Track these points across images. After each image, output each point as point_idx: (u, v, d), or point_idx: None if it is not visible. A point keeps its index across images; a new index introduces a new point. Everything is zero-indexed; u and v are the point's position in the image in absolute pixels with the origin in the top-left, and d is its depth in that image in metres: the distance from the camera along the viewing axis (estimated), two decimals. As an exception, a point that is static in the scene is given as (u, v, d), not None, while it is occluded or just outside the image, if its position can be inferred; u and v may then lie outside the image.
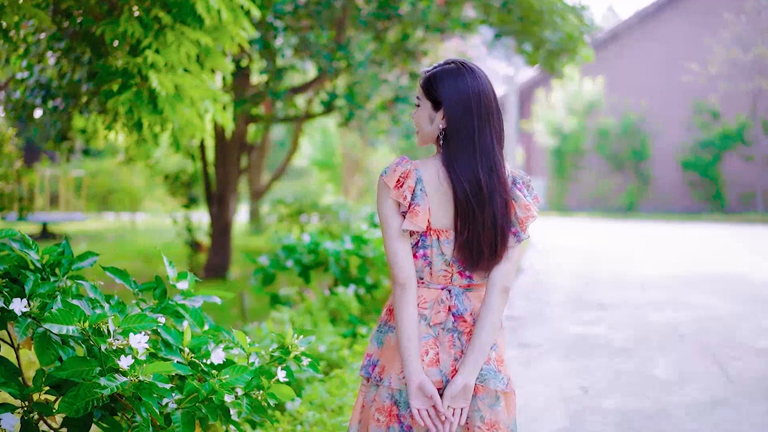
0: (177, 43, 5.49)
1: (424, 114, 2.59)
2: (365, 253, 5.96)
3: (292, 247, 6.24)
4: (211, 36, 5.73)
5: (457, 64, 2.59)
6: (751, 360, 6.77)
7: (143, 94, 5.57)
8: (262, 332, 4.93)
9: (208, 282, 10.71)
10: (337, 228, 12.87)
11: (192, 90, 5.66)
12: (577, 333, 7.93)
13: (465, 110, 2.52)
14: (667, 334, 7.78)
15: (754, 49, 24.44)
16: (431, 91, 2.57)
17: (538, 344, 7.42)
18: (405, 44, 10.84)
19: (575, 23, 11.44)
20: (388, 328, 2.63)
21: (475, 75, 2.56)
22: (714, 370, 6.42)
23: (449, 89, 2.54)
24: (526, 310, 9.23)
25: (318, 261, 6.16)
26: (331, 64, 9.36)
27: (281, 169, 16.36)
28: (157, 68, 5.46)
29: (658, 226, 22.49)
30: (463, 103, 2.53)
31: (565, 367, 6.59)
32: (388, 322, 2.64)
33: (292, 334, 2.87)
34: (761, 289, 10.49)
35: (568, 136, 27.85)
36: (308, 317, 5.66)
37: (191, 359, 2.76)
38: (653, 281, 11.39)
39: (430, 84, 2.58)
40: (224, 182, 10.99)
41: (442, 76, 2.57)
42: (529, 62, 12.32)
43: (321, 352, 5.04)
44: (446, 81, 2.55)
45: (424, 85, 2.60)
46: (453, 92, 2.54)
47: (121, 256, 13.03)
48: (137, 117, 5.61)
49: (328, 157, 25.38)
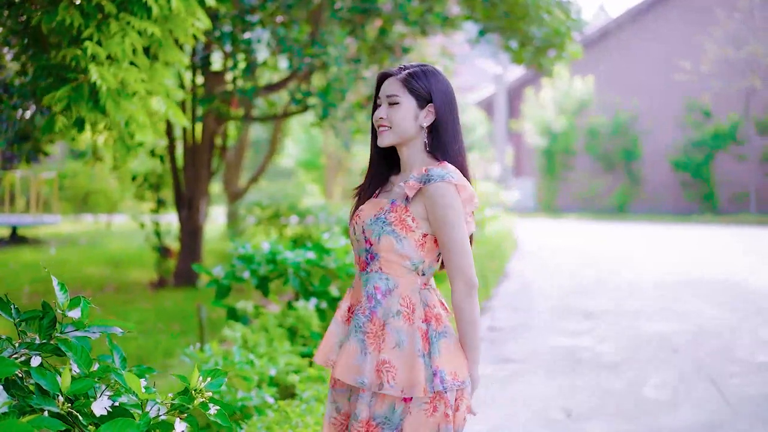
0: (121, 34, 4.99)
1: (405, 112, 2.58)
2: (327, 263, 5.43)
3: (249, 257, 5.71)
4: (161, 27, 5.24)
5: (427, 65, 2.64)
6: (750, 377, 6.26)
7: (83, 90, 5.06)
8: (205, 354, 4.40)
9: (177, 290, 10.19)
10: (317, 231, 12.38)
11: (138, 85, 5.14)
12: (563, 346, 7.41)
13: (452, 103, 2.62)
14: (658, 348, 7.27)
15: (747, 47, 24.08)
16: (416, 88, 2.58)
17: (520, 359, 6.89)
18: (384, 40, 10.33)
19: (562, 18, 10.97)
20: (441, 334, 2.53)
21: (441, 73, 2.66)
22: (710, 390, 5.91)
23: (439, 84, 2.60)
24: (509, 319, 8.72)
25: (277, 272, 5.63)
26: (302, 60, 8.82)
27: (260, 170, 15.81)
28: (99, 61, 4.95)
29: (649, 227, 22.04)
30: (450, 97, 2.62)
31: (548, 385, 6.07)
32: (437, 329, 2.53)
33: (198, 375, 2.35)
34: (758, 297, 9.99)
35: (558, 135, 27.38)
36: (263, 334, 5.13)
37: (68, 410, 2.23)
38: (644, 287, 10.89)
39: (414, 81, 2.59)
40: (194, 184, 10.46)
41: (426, 73, 2.61)
42: (516, 60, 11.86)
43: (272, 375, 4.51)
44: (432, 77, 2.60)
45: (406, 82, 2.59)
46: (442, 87, 2.61)
47: (89, 261, 12.48)
48: (76, 114, 5.10)
49: (314, 158, 24.84)
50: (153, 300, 9.41)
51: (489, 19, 10.99)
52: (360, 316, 2.55)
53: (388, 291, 2.53)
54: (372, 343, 2.51)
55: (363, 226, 2.57)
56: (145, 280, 10.85)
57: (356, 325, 2.54)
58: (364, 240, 2.57)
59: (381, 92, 2.62)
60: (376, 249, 2.54)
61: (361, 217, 2.60)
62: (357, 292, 2.64)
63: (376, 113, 2.61)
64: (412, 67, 2.61)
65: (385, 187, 2.68)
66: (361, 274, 2.61)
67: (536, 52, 11.52)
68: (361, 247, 2.59)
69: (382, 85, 2.63)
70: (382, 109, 2.60)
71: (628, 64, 27.79)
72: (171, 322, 8.20)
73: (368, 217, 2.57)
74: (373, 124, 2.65)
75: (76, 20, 4.87)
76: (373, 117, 2.64)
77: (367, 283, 2.57)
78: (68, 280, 10.73)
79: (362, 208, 2.62)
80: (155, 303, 9.20)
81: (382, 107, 2.60)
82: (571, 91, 27.15)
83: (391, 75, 2.61)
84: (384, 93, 2.60)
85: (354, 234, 2.64)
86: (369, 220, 2.56)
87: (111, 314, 8.43)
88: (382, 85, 2.63)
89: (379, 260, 2.54)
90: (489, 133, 33.03)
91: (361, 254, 2.60)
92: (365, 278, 2.58)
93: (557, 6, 10.95)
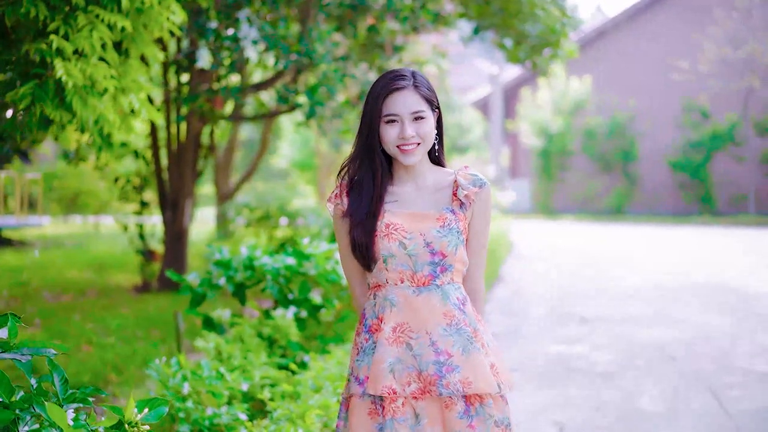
0: (89, 28, 4.72)
1: (430, 123, 2.51)
2: (307, 270, 5.15)
3: (226, 263, 5.43)
4: (133, 20, 4.97)
5: (409, 68, 2.57)
6: (751, 387, 5.99)
7: (48, 86, 4.79)
8: (171, 369, 4.12)
9: (161, 294, 9.91)
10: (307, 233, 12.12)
11: (107, 81, 4.86)
12: (556, 353, 7.13)
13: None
14: (655, 356, 6.99)
15: (745, 47, 23.86)
16: (428, 96, 2.52)
17: (512, 368, 6.61)
18: (374, 37, 10.05)
19: (557, 15, 10.71)
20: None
21: None
22: (709, 401, 5.64)
23: (432, 86, 2.56)
24: (502, 326, 8.44)
25: (255, 278, 5.35)
26: (289, 57, 8.54)
27: (250, 170, 15.54)
28: (65, 56, 4.68)
29: (647, 228, 21.79)
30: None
31: (540, 397, 5.79)
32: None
33: (133, 406, 2.07)
34: (757, 302, 9.72)
35: (555, 136, 27.10)
36: (239, 345, 4.85)
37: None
38: (641, 292, 10.62)
39: (424, 89, 2.51)
40: (178, 186, 10.16)
41: (423, 77, 2.54)
42: (510, 58, 11.62)
43: (244, 390, 4.23)
44: (426, 80, 2.54)
45: (421, 92, 2.50)
46: (433, 87, 2.57)
47: (73, 264, 12.19)
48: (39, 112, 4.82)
49: (308, 158, 24.55)
50: (135, 305, 9.13)
51: (483, 17, 10.74)
52: (465, 328, 2.48)
53: (465, 299, 2.53)
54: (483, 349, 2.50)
55: (425, 239, 2.47)
56: (128, 284, 10.57)
57: (466, 337, 2.47)
58: (430, 253, 2.48)
59: (398, 109, 2.48)
60: (451, 260, 2.49)
61: (408, 231, 2.49)
62: (408, 309, 2.49)
63: (402, 132, 2.48)
64: (411, 75, 2.52)
65: (387, 198, 2.56)
66: (424, 289, 2.49)
67: (531, 51, 11.28)
68: (424, 260, 2.48)
69: (395, 100, 2.49)
70: (408, 126, 2.47)
71: (626, 64, 27.53)
72: (151, 329, 7.93)
73: (430, 229, 2.48)
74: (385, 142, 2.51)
75: (42, 13, 4.61)
76: (394, 136, 2.49)
77: (448, 296, 2.49)
78: (49, 283, 10.46)
79: (397, 223, 2.50)
80: (137, 308, 8.91)
81: (408, 124, 2.47)
82: (568, 91, 26.87)
83: (402, 88, 2.49)
84: (407, 110, 2.48)
85: (404, 250, 2.48)
86: (435, 231, 2.48)
87: (90, 320, 8.16)
88: (394, 101, 2.49)
89: (452, 271, 2.50)
90: (485, 134, 32.79)
91: (421, 269, 2.49)
92: (441, 292, 2.49)
93: (552, 3, 10.70)
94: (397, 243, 2.48)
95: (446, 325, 2.46)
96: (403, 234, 2.48)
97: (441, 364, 2.43)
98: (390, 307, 2.49)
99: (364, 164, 2.54)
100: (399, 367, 2.44)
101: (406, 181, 2.57)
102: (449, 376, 2.42)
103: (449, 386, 2.41)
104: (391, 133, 2.49)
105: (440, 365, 2.43)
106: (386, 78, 2.52)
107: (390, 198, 2.56)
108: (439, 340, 2.45)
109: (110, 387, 6.09)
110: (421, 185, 2.56)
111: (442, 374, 2.42)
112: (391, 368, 2.44)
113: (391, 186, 2.58)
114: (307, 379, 4.21)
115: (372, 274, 2.55)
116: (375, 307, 2.54)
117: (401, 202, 2.55)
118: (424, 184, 2.56)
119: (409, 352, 2.45)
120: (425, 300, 2.48)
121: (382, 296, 2.52)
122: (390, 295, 2.50)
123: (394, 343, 2.46)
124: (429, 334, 2.46)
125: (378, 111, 2.49)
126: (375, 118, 2.50)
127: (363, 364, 2.50)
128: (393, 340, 2.46)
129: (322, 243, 5.36)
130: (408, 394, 2.43)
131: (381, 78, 2.54)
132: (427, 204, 2.54)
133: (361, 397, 2.49)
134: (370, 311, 2.55)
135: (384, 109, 2.49)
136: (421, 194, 2.56)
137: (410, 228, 2.49)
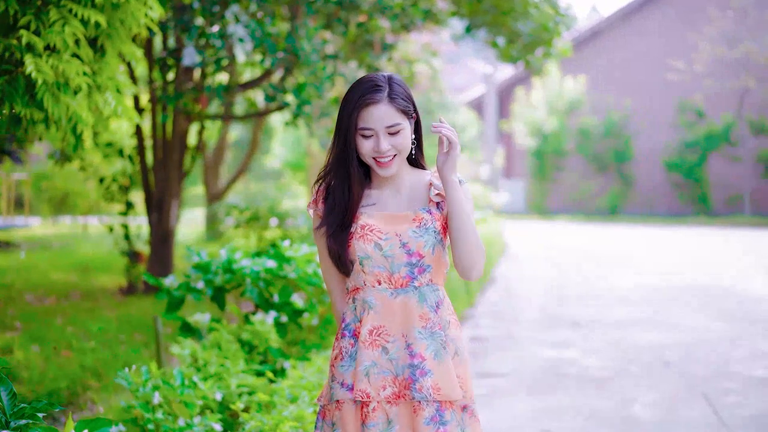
0: (61, 23, 4.53)
1: (406, 133, 2.46)
2: (287, 273, 4.96)
3: (205, 265, 5.24)
4: (109, 15, 4.79)
5: (384, 73, 2.50)
6: (747, 393, 5.81)
7: (18, 83, 4.61)
8: (141, 377, 3.92)
9: (146, 297, 9.71)
10: (298, 234, 11.94)
11: (80, 78, 4.67)
12: (548, 359, 6.95)
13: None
14: (649, 361, 6.81)
15: (740, 46, 23.73)
16: (404, 106, 2.46)
17: (502, 374, 6.43)
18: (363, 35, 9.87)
19: (549, 13, 10.54)
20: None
21: None
22: (704, 409, 5.46)
23: (409, 90, 2.50)
24: (493, 329, 8.26)
25: (235, 282, 5.16)
26: (275, 55, 8.35)
27: (240, 170, 15.34)
28: (36, 52, 4.50)
29: (642, 229, 21.64)
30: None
31: (530, 404, 5.61)
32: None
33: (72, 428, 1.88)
34: (753, 305, 9.55)
35: (549, 136, 26.93)
36: (216, 351, 4.66)
37: None
38: (635, 294, 10.45)
39: (400, 99, 2.44)
40: (164, 186, 9.95)
41: (399, 84, 2.47)
42: (503, 57, 11.46)
43: (218, 399, 4.04)
44: (403, 86, 2.48)
45: (396, 104, 2.43)
46: (410, 92, 2.51)
47: (59, 265, 11.98)
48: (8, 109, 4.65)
49: (301, 158, 24.36)
50: (119, 308, 8.93)
51: (475, 14, 10.58)
52: (439, 332, 2.44)
53: (440, 302, 2.48)
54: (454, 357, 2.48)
55: (400, 239, 2.45)
56: (114, 287, 10.37)
57: (440, 341, 2.44)
58: (407, 253, 2.45)
59: (373, 123, 2.43)
60: (428, 261, 2.46)
61: (384, 232, 2.46)
62: (385, 312, 2.46)
63: (378, 146, 2.44)
64: (386, 84, 2.45)
65: (364, 201, 2.54)
66: (401, 291, 2.46)
67: (524, 49, 11.12)
68: (400, 261, 2.45)
69: (370, 114, 2.43)
70: (383, 140, 2.43)
71: (621, 64, 27.38)
72: (134, 332, 7.73)
73: (406, 230, 2.46)
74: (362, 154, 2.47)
75: (12, 7, 4.44)
76: (368, 149, 2.45)
77: (425, 297, 2.46)
78: (33, 286, 10.25)
79: (372, 224, 2.48)
80: (121, 311, 8.72)
81: (383, 138, 2.43)
82: (563, 90, 26.71)
83: (376, 102, 2.42)
84: (382, 125, 2.43)
85: (379, 251, 2.46)
86: (411, 231, 2.45)
87: (71, 324, 7.96)
88: (369, 115, 2.43)
89: (430, 272, 2.47)
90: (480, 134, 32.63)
91: (398, 270, 2.46)
92: (418, 293, 2.46)
93: (545, 1, 10.53)
94: (372, 244, 2.46)
95: (421, 328, 2.44)
96: (379, 235, 2.46)
97: (415, 367, 2.41)
98: (368, 309, 2.47)
99: (339, 173, 2.51)
100: (374, 371, 2.42)
101: (384, 184, 2.55)
102: (422, 380, 2.40)
103: (422, 390, 2.39)
104: (367, 145, 2.46)
105: (414, 368, 2.41)
106: (361, 88, 2.46)
107: (367, 201, 2.55)
108: (414, 343, 2.43)
109: (89, 393, 5.91)
110: (399, 188, 2.55)
111: (415, 378, 2.40)
112: (367, 372, 2.42)
113: (369, 189, 2.57)
114: (283, 388, 4.02)
115: (350, 277, 2.52)
116: (355, 311, 2.51)
117: (379, 204, 2.53)
118: (402, 187, 2.55)
119: (385, 355, 2.43)
120: (403, 302, 2.46)
121: (360, 299, 2.49)
122: (368, 297, 2.47)
123: (371, 346, 2.44)
124: (405, 337, 2.44)
125: (353, 124, 2.45)
126: (350, 130, 2.46)
127: (350, 369, 2.47)
128: (369, 343, 2.44)
129: (303, 246, 5.17)
130: (382, 398, 2.41)
131: (356, 87, 2.47)
132: (404, 205, 2.52)
133: (348, 403, 2.46)
134: (351, 315, 2.52)
135: (359, 122, 2.45)
136: (399, 196, 2.54)
137: (386, 229, 2.47)
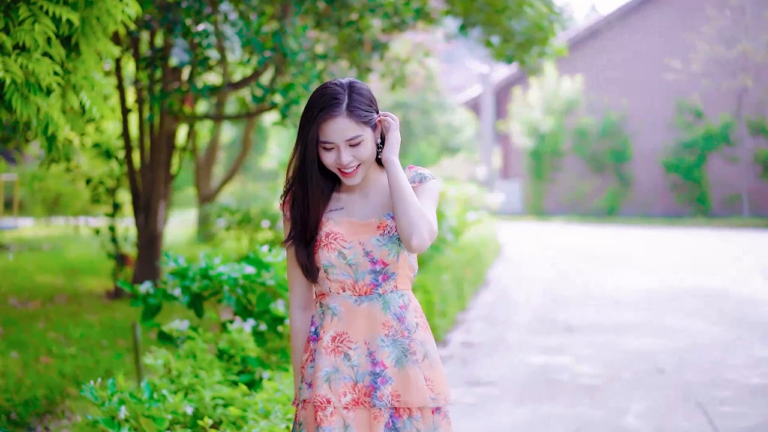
0: (31, 20, 4.38)
1: (369, 143, 2.43)
2: (265, 280, 4.79)
3: (182, 271, 5.07)
4: (83, 13, 4.62)
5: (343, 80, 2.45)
6: (743, 402, 5.64)
7: (-14, 83, 4.45)
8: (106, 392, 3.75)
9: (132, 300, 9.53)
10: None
11: (51, 78, 4.50)
12: (539, 365, 6.77)
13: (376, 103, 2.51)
14: (642, 368, 6.64)
15: (738, 45, 23.56)
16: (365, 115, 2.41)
17: (492, 381, 6.26)
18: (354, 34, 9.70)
19: (544, 12, 10.38)
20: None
21: None
22: (699, 418, 5.29)
23: (370, 94, 2.48)
24: (484, 334, 8.09)
25: (212, 289, 4.98)
26: (263, 54, 8.18)
27: (232, 171, 15.16)
28: (5, 50, 4.34)
29: (640, 230, 21.48)
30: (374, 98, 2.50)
31: (519, 414, 5.43)
32: None
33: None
34: (750, 309, 9.37)
35: (546, 136, 26.76)
36: (190, 361, 4.48)
37: None
38: (630, 297, 10.28)
39: (361, 110, 2.40)
40: (151, 188, 9.78)
41: (359, 91, 2.43)
42: (497, 56, 11.29)
43: (189, 412, 3.86)
44: (363, 92, 2.45)
45: (357, 117, 2.39)
46: (371, 94, 2.48)
47: (46, 268, 11.81)
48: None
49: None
50: (103, 312, 8.76)
51: (469, 13, 10.41)
52: (402, 339, 2.44)
53: (405, 306, 2.47)
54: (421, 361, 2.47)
55: (364, 248, 2.44)
56: (100, 290, 10.19)
57: (403, 349, 2.44)
58: (371, 262, 2.44)
59: (333, 137, 2.40)
60: (393, 268, 2.46)
61: (348, 240, 2.45)
62: (349, 319, 2.46)
63: (339, 159, 2.41)
64: (346, 94, 2.41)
65: (332, 205, 2.53)
66: (365, 298, 2.46)
67: (518, 48, 10.96)
68: (364, 269, 2.45)
69: (329, 128, 2.40)
70: (345, 153, 2.41)
71: (618, 64, 27.21)
72: (117, 338, 7.56)
73: (370, 238, 2.45)
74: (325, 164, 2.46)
75: (-20, 5, 4.28)
76: (331, 161, 2.44)
77: (389, 305, 2.46)
78: (18, 289, 10.08)
79: (337, 232, 2.47)
80: (104, 315, 8.54)
81: (344, 151, 2.41)
82: (560, 90, 26.53)
83: (335, 116, 2.39)
84: (342, 138, 2.40)
85: (343, 260, 2.45)
86: (374, 239, 2.45)
87: (53, 329, 7.79)
88: (328, 129, 2.40)
89: (395, 279, 2.47)
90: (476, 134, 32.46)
91: (362, 278, 2.46)
92: (382, 301, 2.45)
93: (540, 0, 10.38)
94: (336, 253, 2.46)
95: (384, 336, 2.44)
96: (342, 243, 2.46)
97: (376, 375, 2.42)
98: (331, 316, 2.48)
99: (302, 183, 2.49)
100: (335, 377, 2.43)
101: (353, 188, 2.53)
102: (383, 388, 2.41)
103: (383, 398, 2.40)
104: (329, 157, 2.44)
105: (376, 376, 2.42)
106: (320, 100, 2.42)
107: (336, 205, 2.53)
108: (377, 351, 2.44)
109: (67, 402, 5.74)
110: (367, 192, 2.53)
111: (377, 385, 2.42)
112: (327, 377, 2.43)
113: (338, 193, 2.55)
114: (257, 402, 3.85)
115: (317, 283, 2.53)
116: (322, 315, 2.52)
117: (346, 209, 2.52)
118: (371, 190, 2.53)
119: (347, 362, 2.44)
120: (366, 310, 2.46)
121: (325, 305, 2.50)
122: (332, 303, 2.48)
123: (332, 352, 2.45)
124: (367, 344, 2.45)
125: (313, 137, 2.43)
126: (311, 142, 2.44)
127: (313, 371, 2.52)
128: (331, 349, 2.45)
129: (283, 251, 5.00)
130: (342, 404, 2.41)
131: (316, 98, 2.43)
132: (371, 211, 2.50)
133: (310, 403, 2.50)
134: (319, 319, 2.52)
135: (320, 135, 2.43)
136: (367, 200, 2.52)
137: (350, 238, 2.46)
